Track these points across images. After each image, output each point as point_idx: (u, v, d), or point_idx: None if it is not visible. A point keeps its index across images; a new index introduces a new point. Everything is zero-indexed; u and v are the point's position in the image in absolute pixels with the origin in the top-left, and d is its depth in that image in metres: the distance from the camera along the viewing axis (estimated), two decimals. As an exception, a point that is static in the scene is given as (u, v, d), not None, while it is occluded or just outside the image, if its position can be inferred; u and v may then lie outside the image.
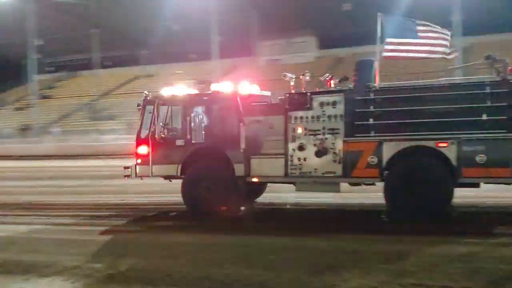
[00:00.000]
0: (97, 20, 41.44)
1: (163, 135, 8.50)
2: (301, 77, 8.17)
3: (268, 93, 8.69)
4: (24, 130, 35.62)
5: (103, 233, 7.62)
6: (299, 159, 7.71)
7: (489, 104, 6.85)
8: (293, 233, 6.87)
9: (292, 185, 8.21)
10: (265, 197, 9.61)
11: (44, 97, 42.36)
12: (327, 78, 7.99)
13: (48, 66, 48.19)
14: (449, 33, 8.23)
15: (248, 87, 8.50)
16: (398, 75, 16.39)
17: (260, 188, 9.44)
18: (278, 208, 9.38)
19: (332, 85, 7.95)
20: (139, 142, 8.78)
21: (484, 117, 6.83)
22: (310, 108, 7.69)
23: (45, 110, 39.64)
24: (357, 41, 33.07)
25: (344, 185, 7.91)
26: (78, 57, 47.30)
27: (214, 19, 33.10)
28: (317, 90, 7.93)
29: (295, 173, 7.78)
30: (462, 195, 7.81)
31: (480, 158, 6.76)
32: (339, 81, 8.01)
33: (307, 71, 8.30)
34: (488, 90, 6.91)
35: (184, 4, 32.99)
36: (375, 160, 7.25)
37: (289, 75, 8.17)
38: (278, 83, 9.25)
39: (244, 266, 5.33)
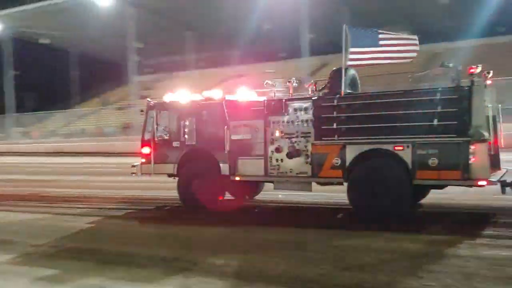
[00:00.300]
0: (191, 22, 42.91)
1: (162, 137, 9.71)
2: (287, 83, 9.09)
3: (263, 98, 9.16)
4: (125, 128, 38.16)
5: (193, 228, 8.03)
6: (276, 160, 8.63)
7: (439, 109, 7.34)
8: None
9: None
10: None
11: (143, 97, 44.96)
12: (311, 83, 9.10)
13: (147, 68, 51.04)
14: (416, 37, 8.76)
15: (242, 94, 9.39)
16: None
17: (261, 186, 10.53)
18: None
19: (310, 91, 8.98)
20: (143, 143, 10.06)
21: (436, 122, 7.32)
22: (286, 113, 8.56)
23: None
24: (453, 36, 31.36)
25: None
26: (174, 58, 49.50)
27: (304, 16, 32.85)
28: (291, 96, 8.91)
29: (273, 173, 8.70)
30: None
31: (432, 161, 7.24)
32: (320, 90, 8.90)
33: (294, 78, 9.23)
34: (439, 96, 7.43)
35: (274, 3, 33.10)
36: (339, 161, 8.03)
37: (270, 82, 9.19)
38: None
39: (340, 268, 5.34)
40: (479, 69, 7.22)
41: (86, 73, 48.87)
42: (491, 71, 7.52)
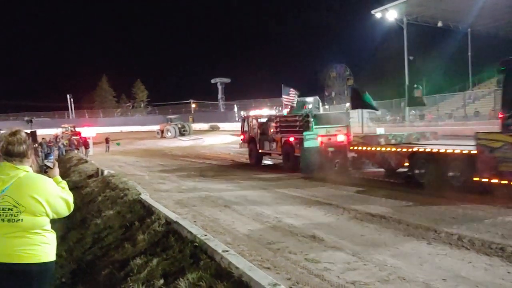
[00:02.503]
0: None
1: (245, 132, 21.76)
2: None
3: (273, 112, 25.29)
4: None
5: None
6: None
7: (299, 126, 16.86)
8: None
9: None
10: None
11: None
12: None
13: None
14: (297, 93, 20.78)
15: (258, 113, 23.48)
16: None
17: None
18: None
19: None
20: (242, 134, 22.26)
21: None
22: (268, 124, 20.05)
23: None
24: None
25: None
26: None
27: None
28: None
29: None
30: None
31: None
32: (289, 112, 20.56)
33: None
34: (298, 118, 16.95)
35: None
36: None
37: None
38: None
39: None
40: None
41: (480, 53, 46.32)
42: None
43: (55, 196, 2.89)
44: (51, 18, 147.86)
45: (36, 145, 33.58)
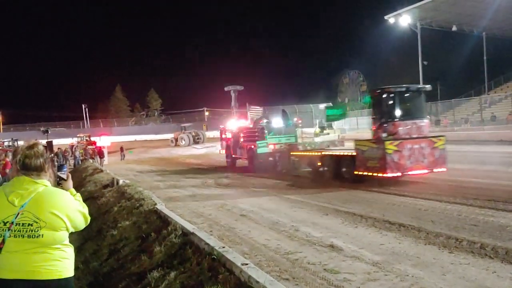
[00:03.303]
0: None
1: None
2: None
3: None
4: None
5: None
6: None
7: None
8: None
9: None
10: None
11: None
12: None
13: None
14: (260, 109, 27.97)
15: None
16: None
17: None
18: None
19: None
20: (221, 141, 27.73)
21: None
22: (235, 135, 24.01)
23: None
24: None
25: None
26: None
27: None
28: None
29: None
30: None
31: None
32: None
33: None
34: (257, 130, 21.61)
35: None
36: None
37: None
38: None
39: None
40: None
41: (496, 57, 45.77)
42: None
43: (74, 210, 2.85)
44: (68, 29, 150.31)
45: (52, 155, 34.02)
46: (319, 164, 16.02)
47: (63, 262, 2.76)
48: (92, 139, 43.16)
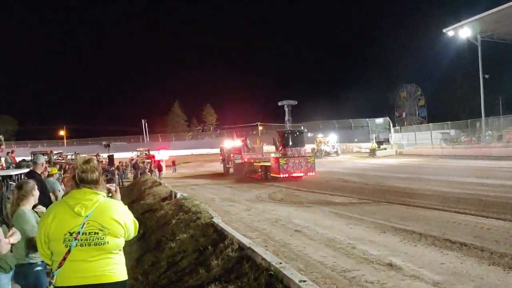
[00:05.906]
0: None
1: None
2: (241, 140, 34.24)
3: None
4: None
5: None
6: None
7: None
8: None
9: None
10: None
11: None
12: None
13: None
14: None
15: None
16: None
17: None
18: None
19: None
20: (221, 156, 38.06)
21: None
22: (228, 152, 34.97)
23: None
24: None
25: None
26: None
27: None
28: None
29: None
30: None
31: None
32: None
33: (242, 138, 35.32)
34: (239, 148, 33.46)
35: None
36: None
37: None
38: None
39: None
40: None
41: None
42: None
43: (130, 219, 3.13)
44: (128, 48, 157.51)
45: (113, 168, 35.54)
46: (259, 170, 27.99)
47: (121, 266, 3.05)
48: (151, 153, 44.63)
